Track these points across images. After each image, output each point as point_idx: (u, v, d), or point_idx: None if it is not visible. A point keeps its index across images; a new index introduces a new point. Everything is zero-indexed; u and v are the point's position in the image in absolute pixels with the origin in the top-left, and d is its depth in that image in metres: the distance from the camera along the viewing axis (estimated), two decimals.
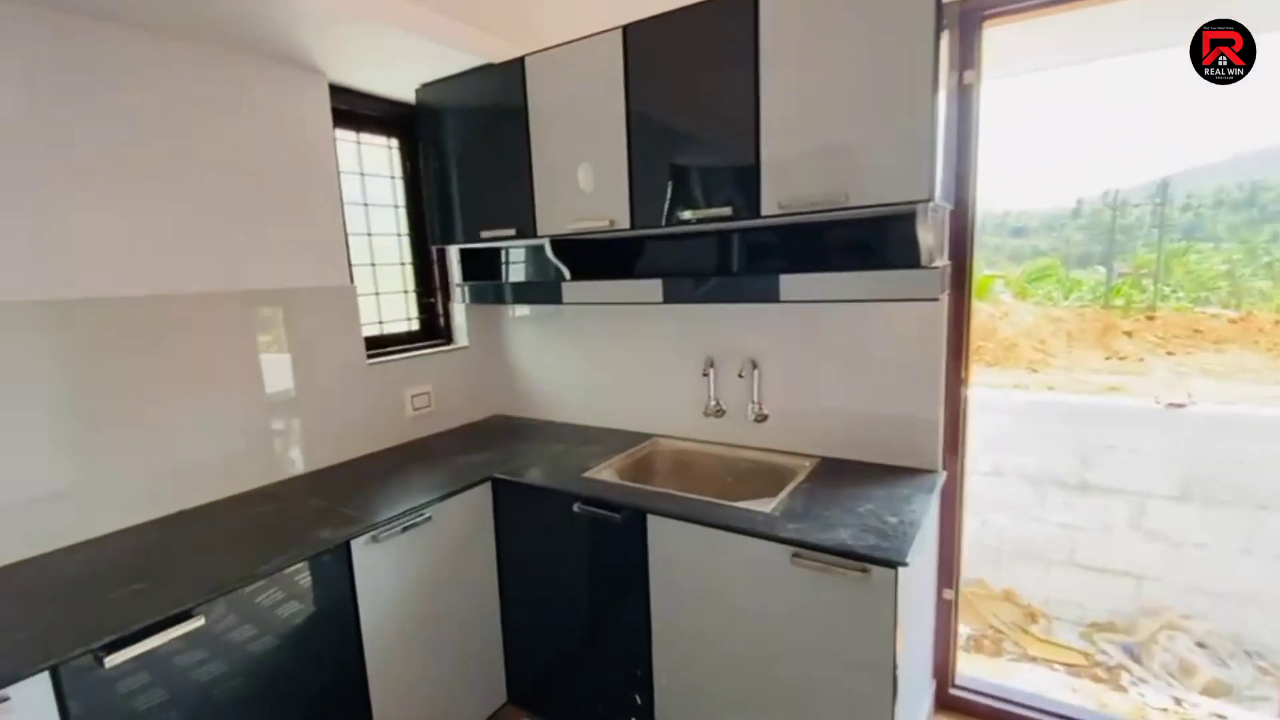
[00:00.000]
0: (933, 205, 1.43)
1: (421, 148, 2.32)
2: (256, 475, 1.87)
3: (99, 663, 1.10)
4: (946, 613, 1.93)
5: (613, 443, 2.18)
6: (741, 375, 2.00)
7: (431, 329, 2.60)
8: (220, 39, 1.71)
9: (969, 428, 1.84)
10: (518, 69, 1.93)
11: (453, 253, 2.52)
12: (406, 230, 2.48)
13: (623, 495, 1.70)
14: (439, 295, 2.59)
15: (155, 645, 1.17)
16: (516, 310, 2.59)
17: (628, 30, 1.71)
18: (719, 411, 2.09)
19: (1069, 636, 2.72)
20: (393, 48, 1.86)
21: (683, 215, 1.69)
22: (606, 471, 1.91)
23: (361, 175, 2.31)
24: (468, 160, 2.17)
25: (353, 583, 1.55)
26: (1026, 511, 3.01)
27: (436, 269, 2.57)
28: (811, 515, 1.49)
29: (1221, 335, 5.04)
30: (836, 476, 1.76)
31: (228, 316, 1.80)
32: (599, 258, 2.13)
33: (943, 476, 1.73)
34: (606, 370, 2.37)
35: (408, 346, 2.45)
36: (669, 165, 1.71)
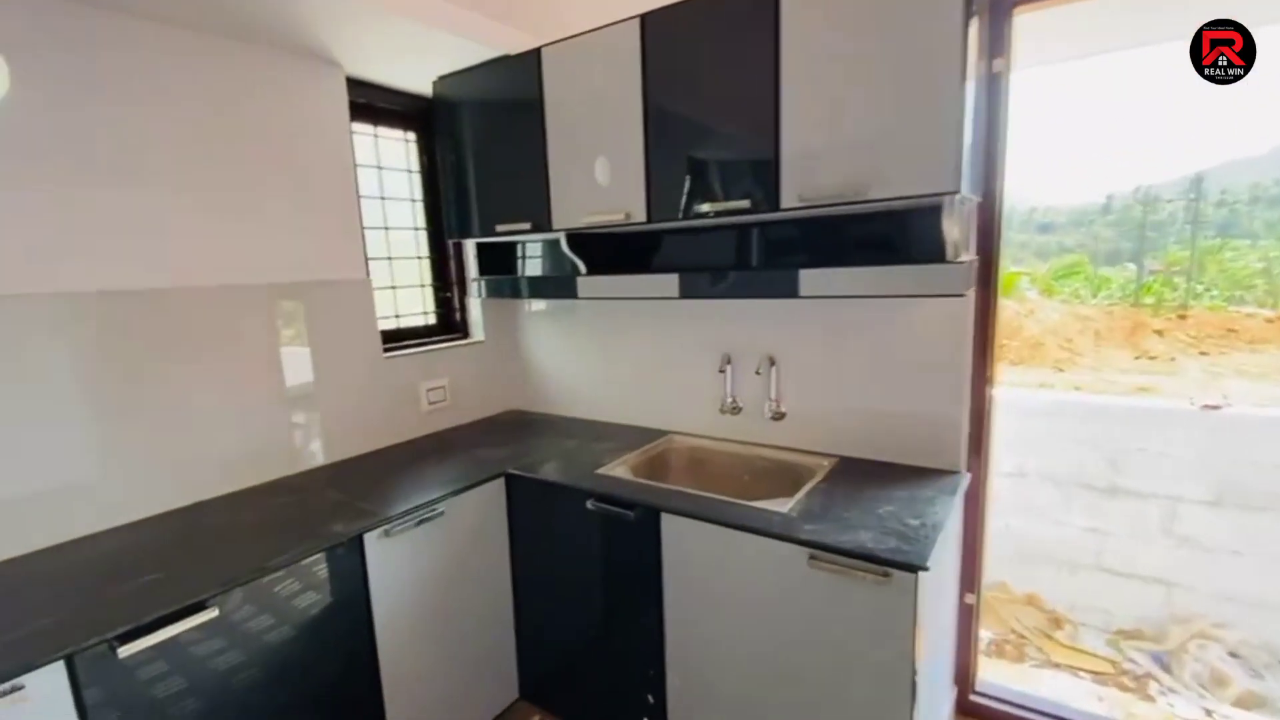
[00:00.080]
0: (959, 198, 1.38)
1: (438, 141, 2.32)
2: (272, 467, 1.88)
3: (113, 652, 1.11)
4: (968, 617, 1.89)
5: (628, 439, 2.16)
6: (759, 372, 1.97)
7: (448, 323, 2.60)
8: (238, 32, 1.71)
9: (994, 428, 1.78)
10: (534, 60, 1.91)
11: (469, 247, 2.52)
12: (424, 224, 2.48)
13: (636, 493, 1.68)
14: (455, 289, 2.59)
15: (169, 636, 1.18)
16: (532, 305, 2.58)
17: (645, 19, 1.68)
18: (735, 409, 2.06)
19: (1095, 643, 2.65)
20: (409, 40, 1.85)
21: (700, 208, 1.66)
22: (620, 468, 1.89)
23: (379, 169, 2.31)
24: (484, 153, 2.16)
25: (365, 577, 1.56)
26: (1051, 514, 2.93)
27: (453, 263, 2.57)
28: (830, 516, 1.46)
29: (1257, 335, 4.86)
30: (856, 477, 1.72)
31: (247, 309, 1.81)
32: (615, 252, 2.11)
33: (966, 478, 1.69)
34: (622, 366, 2.35)
35: (424, 340, 2.45)
36: (686, 157, 1.68)
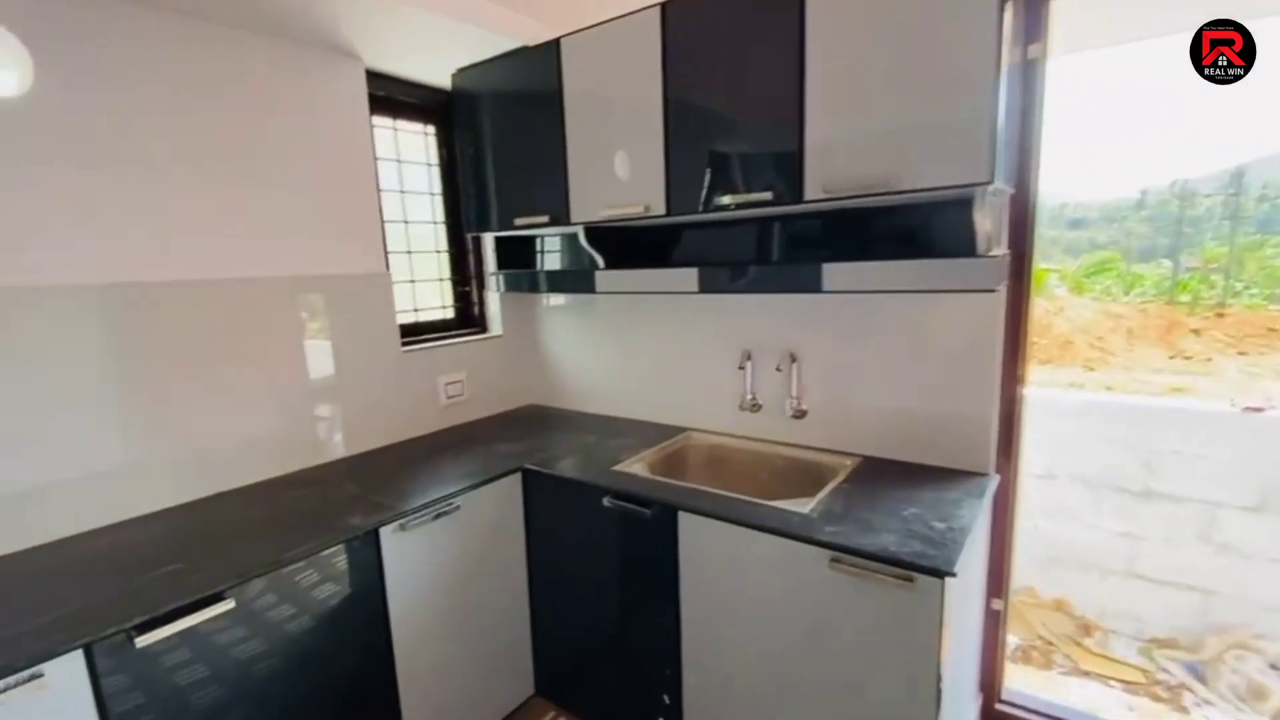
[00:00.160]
0: (992, 189, 1.33)
1: (457, 134, 2.30)
2: (291, 459, 1.89)
3: (131, 642, 1.12)
4: (994, 624, 1.83)
5: (645, 435, 2.13)
6: (780, 369, 1.92)
7: (466, 317, 2.59)
8: (259, 25, 1.71)
9: (1024, 429, 1.72)
10: (553, 51, 1.88)
11: (488, 241, 2.51)
12: (443, 218, 2.47)
13: (654, 490, 1.66)
14: (474, 283, 2.58)
15: (186, 627, 1.19)
16: (550, 299, 2.57)
17: (665, 8, 1.64)
18: (755, 406, 2.02)
19: (1126, 652, 2.56)
20: (429, 31, 1.83)
21: (721, 200, 1.63)
22: (638, 465, 1.86)
23: (398, 162, 2.30)
24: (502, 146, 2.14)
25: (381, 570, 1.55)
26: (1082, 517, 2.84)
27: (471, 257, 2.56)
28: (852, 518, 1.42)
29: None
30: (879, 477, 1.67)
31: (268, 302, 1.81)
32: (633, 246, 2.08)
33: (994, 480, 1.63)
34: (640, 361, 2.32)
35: (442, 334, 2.44)
36: (707, 148, 1.64)
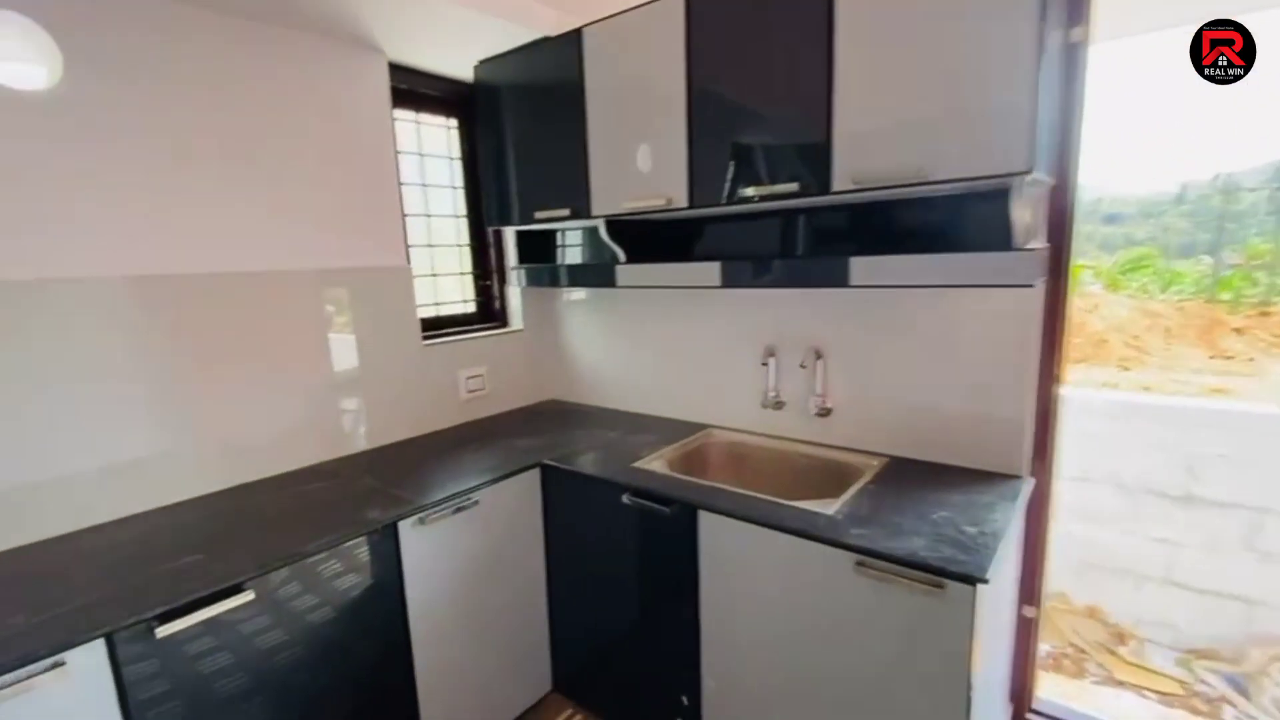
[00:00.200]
0: (1030, 179, 1.27)
1: (479, 127, 2.29)
2: (313, 451, 1.90)
3: (151, 632, 1.12)
4: (1026, 631, 1.77)
5: (665, 432, 2.10)
6: (804, 366, 1.88)
7: (487, 311, 2.58)
8: (286, 18, 1.71)
9: (1060, 431, 1.65)
10: (575, 41, 1.86)
11: (509, 235, 2.50)
12: (465, 212, 2.46)
13: (674, 488, 1.62)
14: (495, 278, 2.57)
15: (206, 617, 1.19)
16: (571, 294, 2.54)
17: None
18: (778, 403, 1.97)
19: (1163, 662, 2.47)
20: (451, 23, 1.81)
21: (745, 192, 1.58)
22: (657, 462, 1.83)
23: (420, 156, 2.30)
24: (523, 138, 2.12)
25: (399, 564, 1.55)
26: (1117, 522, 2.74)
27: (493, 251, 2.55)
28: (879, 520, 1.37)
29: None
30: (907, 478, 1.62)
31: (292, 294, 1.82)
32: (655, 239, 2.05)
33: (1029, 484, 1.57)
34: (661, 357, 2.29)
35: (463, 329, 2.44)
36: (731, 139, 1.60)
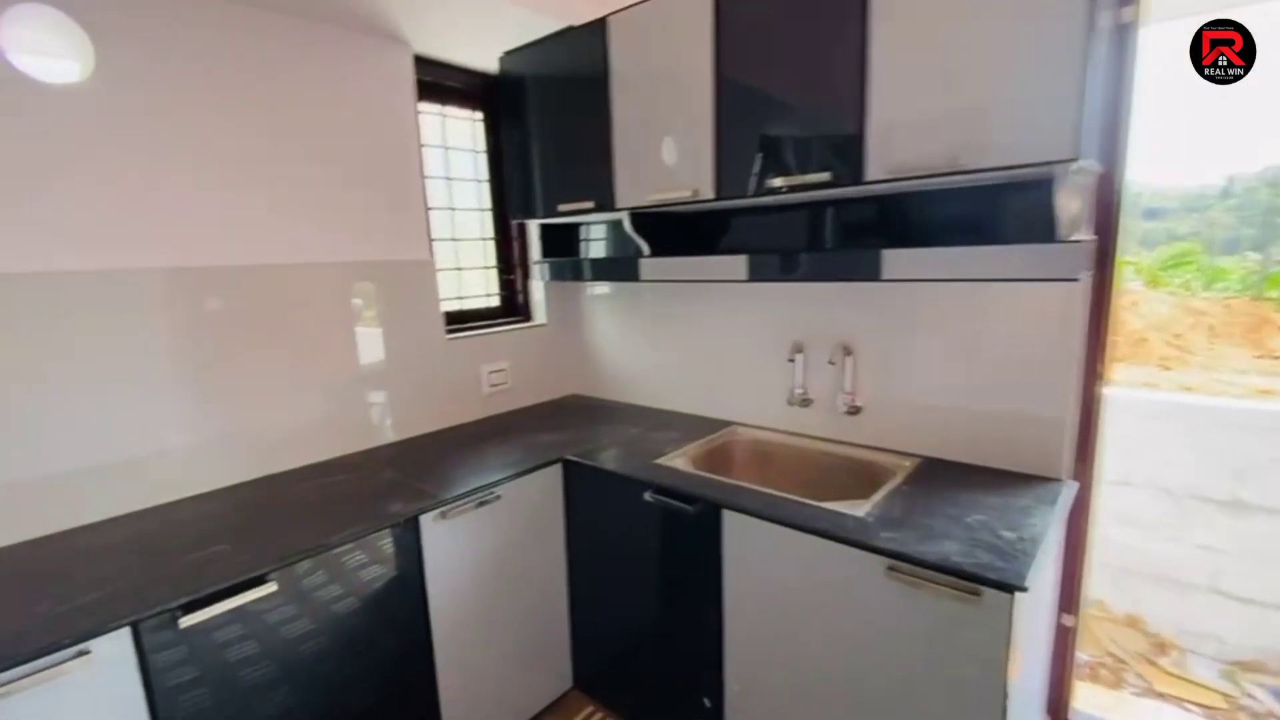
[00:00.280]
0: (1076, 167, 1.20)
1: (503, 119, 2.27)
2: (337, 444, 1.91)
3: (175, 622, 1.13)
4: (1064, 640, 1.70)
5: (689, 429, 2.07)
6: (832, 362, 1.83)
7: (511, 306, 2.57)
8: (313, 10, 1.71)
9: (1104, 433, 1.58)
10: (600, 30, 1.82)
11: (533, 229, 2.48)
12: (489, 205, 2.45)
13: (697, 486, 1.59)
14: (518, 272, 2.56)
15: (229, 608, 1.19)
16: (595, 288, 2.52)
17: None
18: (805, 401, 1.93)
19: (1206, 673, 2.37)
20: (475, 12, 1.80)
21: (773, 183, 1.54)
22: (680, 459, 1.80)
23: (445, 149, 2.29)
24: (547, 130, 2.10)
25: (421, 558, 1.54)
26: (1159, 528, 2.63)
27: (516, 245, 2.53)
28: (911, 523, 1.32)
29: None
30: (941, 480, 1.56)
31: (318, 287, 1.83)
32: (680, 232, 2.01)
33: (1070, 487, 1.50)
34: (685, 352, 2.26)
35: (486, 323, 2.43)
36: (759, 128, 1.55)
